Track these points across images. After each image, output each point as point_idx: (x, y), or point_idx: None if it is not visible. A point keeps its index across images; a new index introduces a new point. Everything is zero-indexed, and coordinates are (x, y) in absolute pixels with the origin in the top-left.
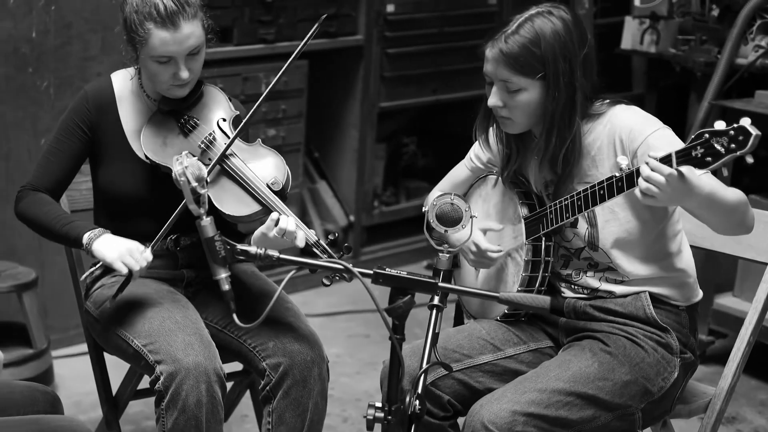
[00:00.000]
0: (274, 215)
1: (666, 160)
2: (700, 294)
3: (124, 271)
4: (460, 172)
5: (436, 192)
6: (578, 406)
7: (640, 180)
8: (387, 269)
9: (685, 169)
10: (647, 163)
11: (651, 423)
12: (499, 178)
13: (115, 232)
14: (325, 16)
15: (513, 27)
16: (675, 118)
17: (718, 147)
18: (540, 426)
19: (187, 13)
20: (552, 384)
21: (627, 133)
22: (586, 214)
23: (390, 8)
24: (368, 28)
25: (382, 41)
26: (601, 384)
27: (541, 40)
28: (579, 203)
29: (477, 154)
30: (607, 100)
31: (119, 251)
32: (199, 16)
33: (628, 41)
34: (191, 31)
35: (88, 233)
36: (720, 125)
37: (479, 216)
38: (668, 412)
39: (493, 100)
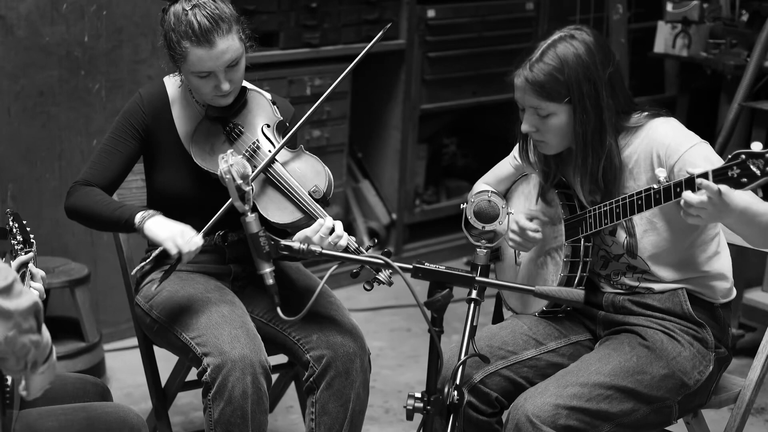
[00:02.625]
0: (322, 220)
1: (703, 177)
2: (735, 292)
3: (174, 251)
4: (503, 168)
5: (479, 185)
6: (618, 400)
7: (688, 201)
8: (426, 264)
9: (723, 188)
10: (699, 185)
11: (685, 414)
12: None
13: None
14: (389, 25)
15: (537, 54)
16: (706, 119)
17: (753, 169)
18: (581, 419)
19: (221, 29)
20: (593, 378)
21: (664, 150)
22: (624, 223)
23: (431, 13)
24: (410, 32)
25: (424, 45)
26: (640, 377)
27: (565, 65)
28: (617, 211)
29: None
30: (646, 113)
31: (171, 231)
32: (234, 29)
33: (660, 45)
34: (227, 45)
35: (141, 213)
36: (757, 147)
37: (521, 213)
38: (703, 405)
39: (526, 126)
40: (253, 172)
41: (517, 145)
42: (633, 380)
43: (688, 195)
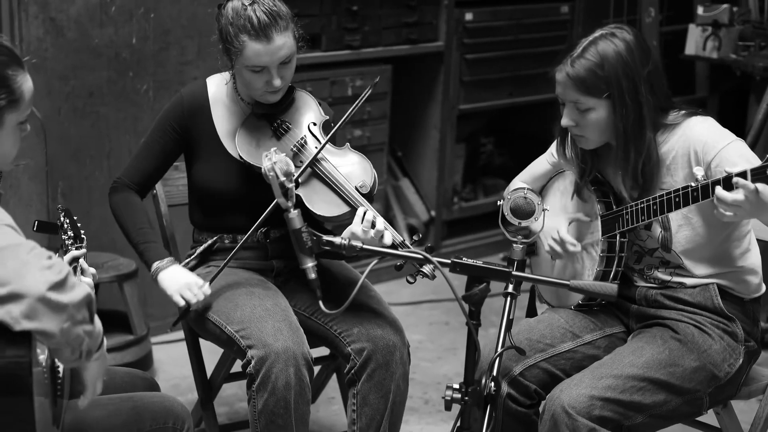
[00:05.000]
0: (361, 210)
1: (741, 176)
2: (764, 288)
3: (181, 303)
4: (540, 165)
5: (515, 182)
6: (651, 391)
7: (722, 199)
8: (464, 259)
9: (761, 186)
10: (736, 184)
11: (715, 405)
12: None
13: (206, 226)
14: (378, 79)
15: (578, 51)
16: (735, 119)
17: None
18: (615, 410)
19: (279, 25)
20: (627, 370)
21: (701, 146)
22: (660, 218)
23: (468, 16)
24: (448, 35)
25: (461, 47)
26: (672, 370)
27: (605, 62)
28: (654, 208)
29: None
30: (683, 111)
31: (178, 285)
32: (291, 28)
33: (691, 47)
34: (283, 42)
35: (157, 263)
36: None
37: (557, 209)
38: (732, 397)
39: (566, 120)
40: (299, 167)
41: (556, 140)
42: (665, 372)
43: (722, 193)
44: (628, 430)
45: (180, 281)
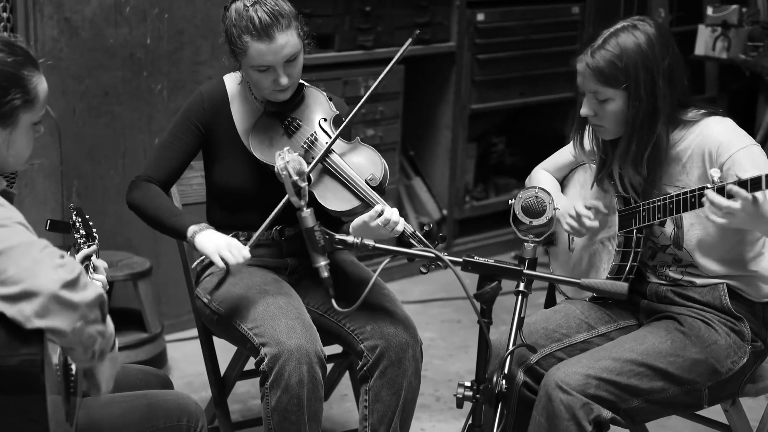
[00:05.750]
0: (378, 207)
1: (754, 181)
2: None
3: (221, 264)
4: (563, 156)
5: (538, 171)
6: (648, 377)
7: (717, 203)
8: (475, 257)
9: (760, 195)
10: (729, 191)
11: (718, 401)
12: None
13: (224, 223)
14: (418, 32)
15: (599, 41)
16: (744, 119)
17: None
18: (611, 391)
19: (281, 24)
20: (626, 354)
21: (716, 148)
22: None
23: (480, 17)
24: (460, 35)
25: (473, 48)
26: (672, 359)
27: (624, 53)
28: (670, 206)
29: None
30: (702, 110)
31: (218, 245)
32: (294, 26)
33: (701, 48)
34: (286, 40)
35: (193, 226)
36: None
37: (576, 199)
38: (736, 394)
39: (585, 109)
40: (310, 163)
41: (572, 131)
42: (665, 361)
43: (715, 197)
44: (625, 414)
45: (220, 242)
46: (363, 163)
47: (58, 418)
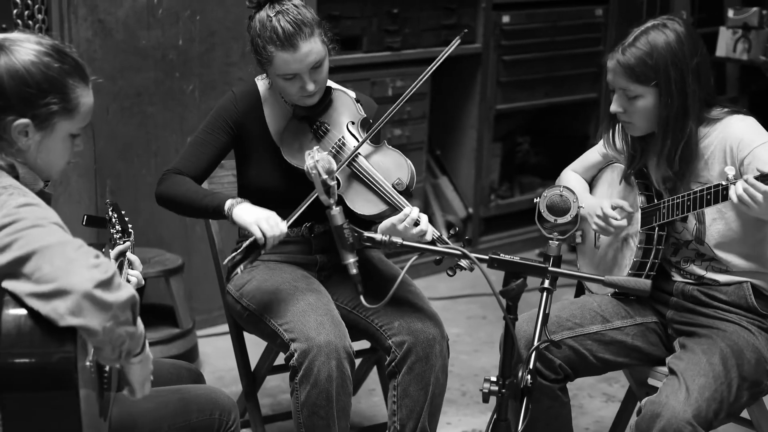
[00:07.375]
0: (406, 210)
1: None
2: None
3: (259, 234)
4: (591, 156)
5: (567, 172)
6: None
7: (738, 188)
8: (501, 255)
9: None
10: (746, 180)
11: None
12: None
13: None
14: (466, 30)
15: (630, 39)
16: (764, 119)
17: None
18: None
19: (304, 32)
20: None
21: (737, 143)
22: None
23: (506, 19)
24: (486, 37)
25: (499, 49)
26: (740, 362)
27: (654, 51)
28: (689, 203)
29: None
30: (726, 109)
31: (257, 216)
32: (317, 32)
33: (722, 49)
34: (310, 48)
35: (230, 200)
36: None
37: (603, 198)
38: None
39: (614, 106)
40: (339, 167)
41: (600, 128)
42: (735, 368)
43: (754, 182)
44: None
45: (259, 214)
46: (389, 167)
47: (92, 413)
